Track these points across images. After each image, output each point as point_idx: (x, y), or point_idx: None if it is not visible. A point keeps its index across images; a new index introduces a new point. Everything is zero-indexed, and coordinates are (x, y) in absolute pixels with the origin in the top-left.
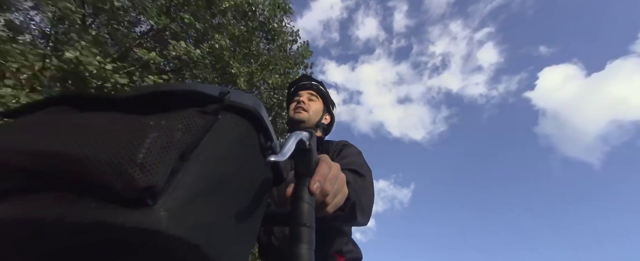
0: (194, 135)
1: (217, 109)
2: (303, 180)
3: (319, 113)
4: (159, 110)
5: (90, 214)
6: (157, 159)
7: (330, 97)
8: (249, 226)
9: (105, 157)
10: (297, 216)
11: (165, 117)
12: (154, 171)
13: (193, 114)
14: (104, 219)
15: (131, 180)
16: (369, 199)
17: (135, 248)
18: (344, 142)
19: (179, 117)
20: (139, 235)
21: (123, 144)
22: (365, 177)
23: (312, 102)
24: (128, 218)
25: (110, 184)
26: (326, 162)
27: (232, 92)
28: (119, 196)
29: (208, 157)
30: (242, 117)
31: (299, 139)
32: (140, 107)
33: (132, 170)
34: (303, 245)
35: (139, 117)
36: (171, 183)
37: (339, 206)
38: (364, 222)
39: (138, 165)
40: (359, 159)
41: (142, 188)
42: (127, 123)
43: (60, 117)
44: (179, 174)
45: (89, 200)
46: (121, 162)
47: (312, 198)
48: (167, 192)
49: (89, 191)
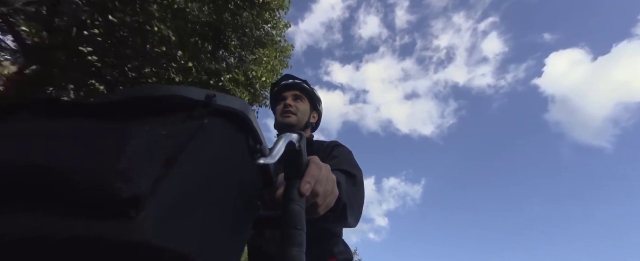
0: (180, 141)
1: (204, 113)
2: (293, 182)
3: (307, 113)
4: (141, 115)
5: (70, 228)
6: (140, 167)
7: (315, 94)
8: (239, 231)
9: (83, 167)
10: (288, 219)
11: (149, 123)
12: (137, 180)
13: (178, 119)
14: (85, 233)
15: (113, 190)
16: (359, 200)
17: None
18: (334, 143)
19: (163, 122)
20: (124, 248)
21: (103, 152)
22: (356, 178)
23: (299, 102)
24: (111, 231)
25: (90, 195)
26: (316, 163)
27: (218, 95)
28: (100, 207)
29: (195, 163)
30: (230, 120)
31: (288, 141)
32: (121, 113)
33: (113, 180)
34: (294, 248)
35: (120, 123)
36: (156, 192)
37: (330, 208)
38: (354, 223)
39: (120, 174)
40: (349, 159)
41: (125, 199)
42: (106, 130)
43: (32, 124)
44: (164, 182)
45: (68, 212)
46: (101, 172)
47: (303, 200)
48: (152, 201)
49: (68, 203)
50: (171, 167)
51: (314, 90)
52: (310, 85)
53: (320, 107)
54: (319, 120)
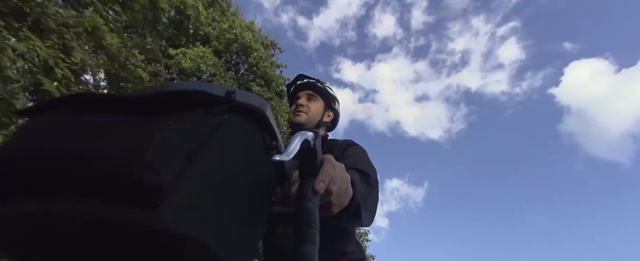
0: (201, 136)
1: (224, 109)
2: (308, 180)
3: (320, 112)
4: (166, 110)
5: (99, 212)
6: (164, 159)
7: (330, 93)
8: (254, 225)
9: (114, 157)
10: (302, 216)
11: (173, 118)
12: (161, 171)
13: (200, 114)
14: (112, 218)
15: (139, 179)
16: (373, 199)
17: (144, 247)
18: (349, 141)
19: (186, 117)
20: (146, 234)
21: (131, 144)
22: (370, 177)
23: (312, 102)
24: (136, 217)
25: (119, 183)
26: (331, 162)
27: (237, 92)
28: (127, 195)
29: (214, 157)
30: (248, 117)
31: (304, 139)
32: (147, 108)
33: (140, 170)
34: (307, 245)
35: (146, 117)
36: (178, 183)
37: (344, 207)
38: (368, 222)
39: (146, 164)
40: (363, 159)
41: (150, 188)
42: (135, 123)
43: (71, 117)
44: (185, 174)
45: (98, 198)
46: (129, 162)
47: (317, 198)
48: (174, 191)
49: (98, 190)
50: (192, 160)
51: (329, 88)
52: (323, 83)
53: (335, 105)
54: (336, 119)
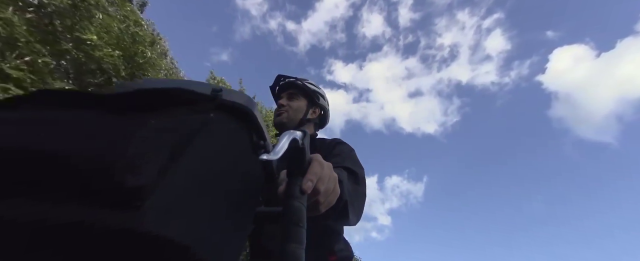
0: (185, 135)
1: (209, 108)
2: (295, 179)
3: (302, 110)
4: (147, 108)
5: (75, 215)
6: (145, 159)
7: (311, 88)
8: (240, 225)
9: (90, 156)
10: (289, 216)
11: (155, 116)
12: (142, 171)
13: (183, 113)
14: (90, 220)
15: (118, 179)
16: (361, 198)
17: (124, 250)
18: (337, 140)
19: (169, 115)
20: (127, 237)
21: (110, 143)
22: (358, 176)
23: (293, 100)
24: (115, 220)
25: (97, 185)
26: (319, 161)
27: (224, 90)
28: (106, 197)
29: (199, 157)
30: (235, 115)
31: (292, 138)
32: (129, 105)
33: (119, 170)
34: (294, 244)
35: (126, 115)
36: (160, 183)
37: (332, 206)
38: (355, 221)
39: (126, 164)
40: (351, 157)
41: (130, 188)
42: (114, 122)
43: (44, 113)
44: (168, 174)
45: (75, 200)
46: (108, 161)
47: (304, 197)
48: (156, 192)
49: (75, 191)
50: (175, 159)
51: (309, 84)
52: (303, 80)
53: (321, 101)
54: (325, 115)
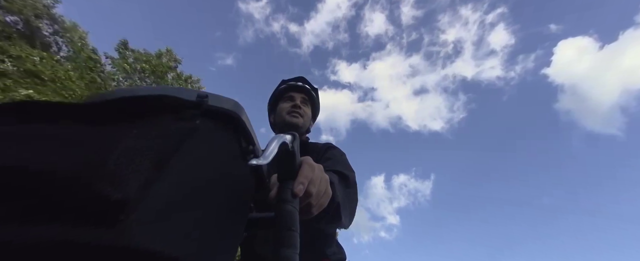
0: (170, 143)
1: (195, 115)
2: (286, 183)
3: (309, 120)
4: (130, 116)
5: (55, 232)
6: (128, 170)
7: (319, 106)
8: (231, 233)
9: (69, 170)
10: (282, 220)
11: (138, 125)
12: (125, 183)
13: (169, 121)
14: (72, 237)
15: (100, 193)
16: (352, 200)
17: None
18: (328, 144)
19: (154, 124)
20: (111, 253)
21: (90, 155)
22: (349, 178)
23: (307, 107)
24: (97, 236)
25: (77, 199)
26: (309, 164)
27: (210, 96)
28: (89, 212)
29: (186, 165)
30: (222, 121)
31: (281, 142)
32: (109, 114)
33: (100, 183)
34: (287, 249)
35: (108, 125)
36: (145, 195)
37: (324, 208)
38: (348, 224)
39: (107, 177)
40: (343, 161)
41: (113, 202)
42: (94, 132)
43: (16, 127)
44: (153, 185)
45: (54, 216)
46: (88, 175)
47: (296, 201)
48: (141, 204)
49: (54, 207)
50: (161, 169)
51: (318, 101)
52: (317, 93)
53: (316, 119)
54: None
